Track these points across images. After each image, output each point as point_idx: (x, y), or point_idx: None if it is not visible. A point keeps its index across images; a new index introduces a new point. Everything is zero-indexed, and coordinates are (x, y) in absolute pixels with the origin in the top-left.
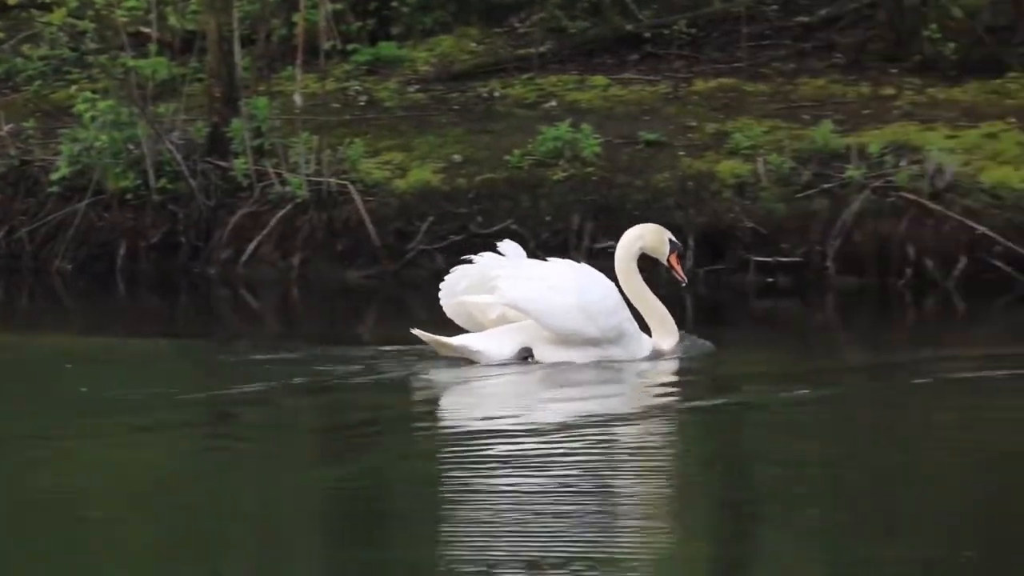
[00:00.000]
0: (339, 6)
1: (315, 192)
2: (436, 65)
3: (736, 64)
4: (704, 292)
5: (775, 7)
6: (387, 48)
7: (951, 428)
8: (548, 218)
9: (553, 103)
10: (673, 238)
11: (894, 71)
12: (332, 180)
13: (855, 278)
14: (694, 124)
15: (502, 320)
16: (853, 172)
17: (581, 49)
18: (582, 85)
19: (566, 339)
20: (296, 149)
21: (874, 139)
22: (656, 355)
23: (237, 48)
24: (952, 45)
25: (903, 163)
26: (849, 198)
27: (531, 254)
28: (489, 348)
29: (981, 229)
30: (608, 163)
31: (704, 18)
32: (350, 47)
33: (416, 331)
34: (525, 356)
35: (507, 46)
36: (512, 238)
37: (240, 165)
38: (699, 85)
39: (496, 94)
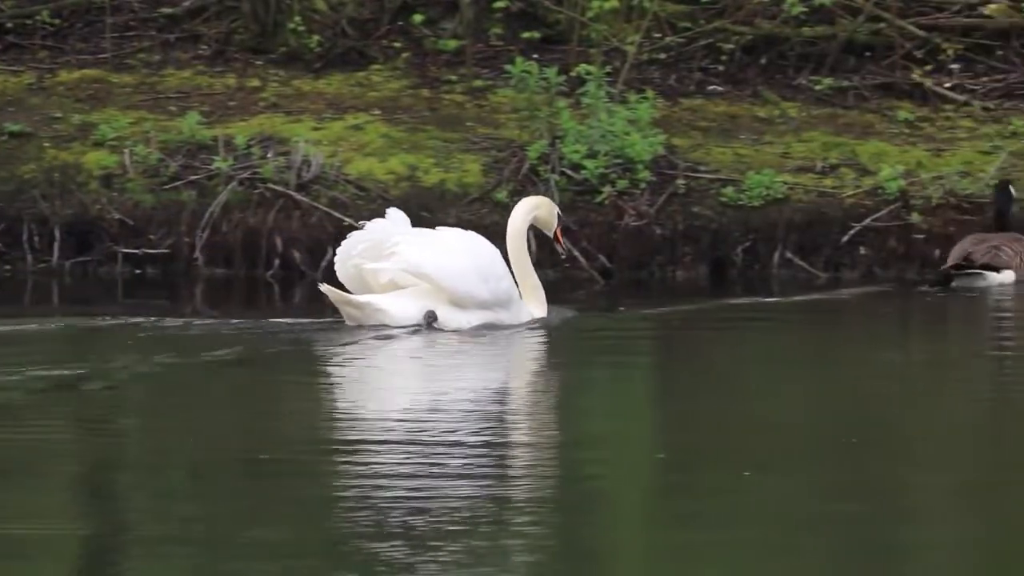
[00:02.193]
0: None
1: None
2: None
3: (101, 55)
4: (71, 283)
5: None
6: None
7: None
8: None
9: None
10: (560, 212)
11: (260, 63)
12: None
13: (223, 269)
14: (60, 115)
15: (393, 286)
16: (220, 164)
17: None
18: None
19: (462, 302)
20: None
21: (241, 131)
22: (535, 321)
23: None
24: (316, 38)
25: (270, 155)
26: (216, 190)
27: None
28: (394, 308)
29: (348, 220)
30: None
31: (68, 8)
32: None
33: (323, 287)
34: (431, 320)
35: None
36: None
37: None
38: (64, 76)
39: None
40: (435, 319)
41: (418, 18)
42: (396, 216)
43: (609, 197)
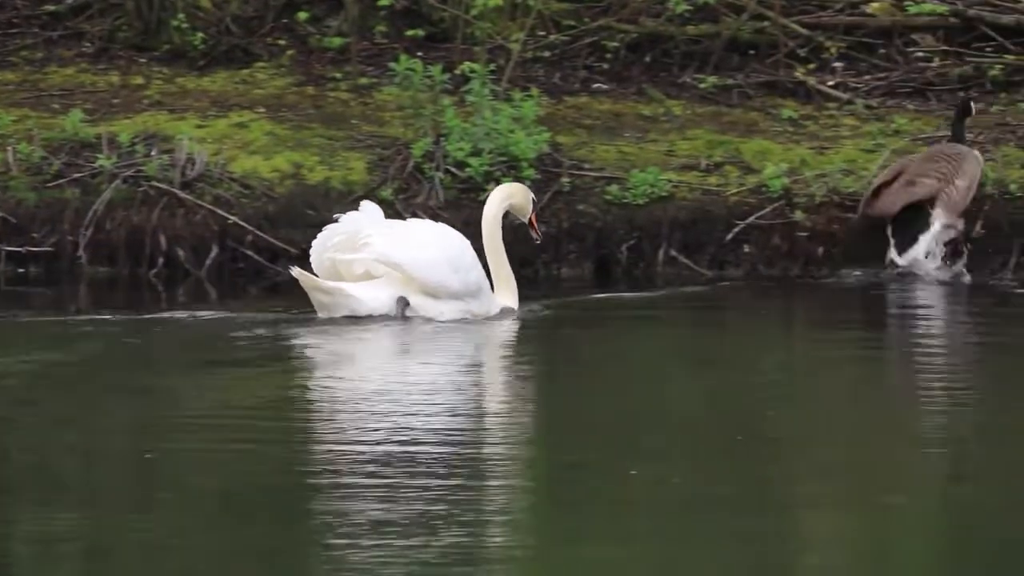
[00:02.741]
0: None
1: None
2: None
3: None
4: None
5: None
6: None
7: None
8: None
9: None
10: (535, 197)
11: (143, 60)
12: None
13: (107, 267)
14: None
15: (366, 277)
16: (104, 161)
17: None
18: None
19: (433, 291)
20: None
21: (124, 128)
22: (506, 312)
23: None
24: (200, 35)
25: (154, 153)
26: (100, 188)
27: None
28: (364, 295)
29: (232, 218)
30: None
31: None
32: None
33: (295, 271)
34: (403, 307)
35: None
36: None
37: None
38: None
39: None
40: (407, 306)
41: (303, 16)
42: (369, 208)
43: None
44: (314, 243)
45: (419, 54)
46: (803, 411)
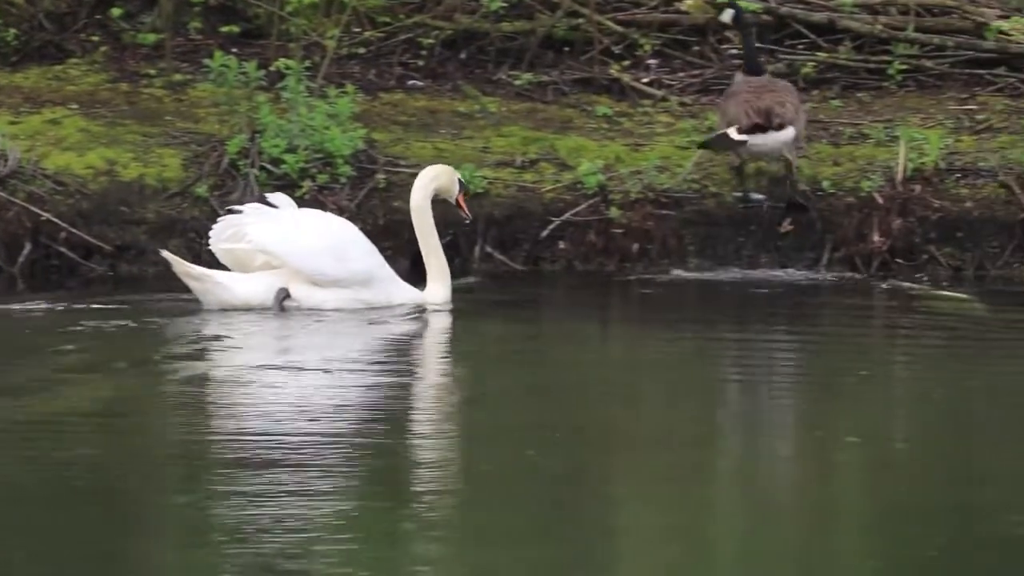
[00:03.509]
0: None
1: None
2: None
3: None
4: None
5: None
6: None
7: None
8: None
9: None
10: (460, 178)
11: None
12: None
13: None
14: None
15: (266, 267)
16: None
17: None
18: None
19: (316, 280)
20: None
21: None
22: (418, 303)
23: None
24: (13, 31)
25: None
26: None
27: None
28: (236, 285)
29: (46, 215)
30: None
31: None
32: None
33: (166, 254)
34: (281, 299)
35: None
36: None
37: None
38: None
39: None
40: (287, 297)
41: (116, 12)
42: (280, 200)
43: (310, 191)
44: (211, 233)
45: (234, 51)
46: (617, 409)
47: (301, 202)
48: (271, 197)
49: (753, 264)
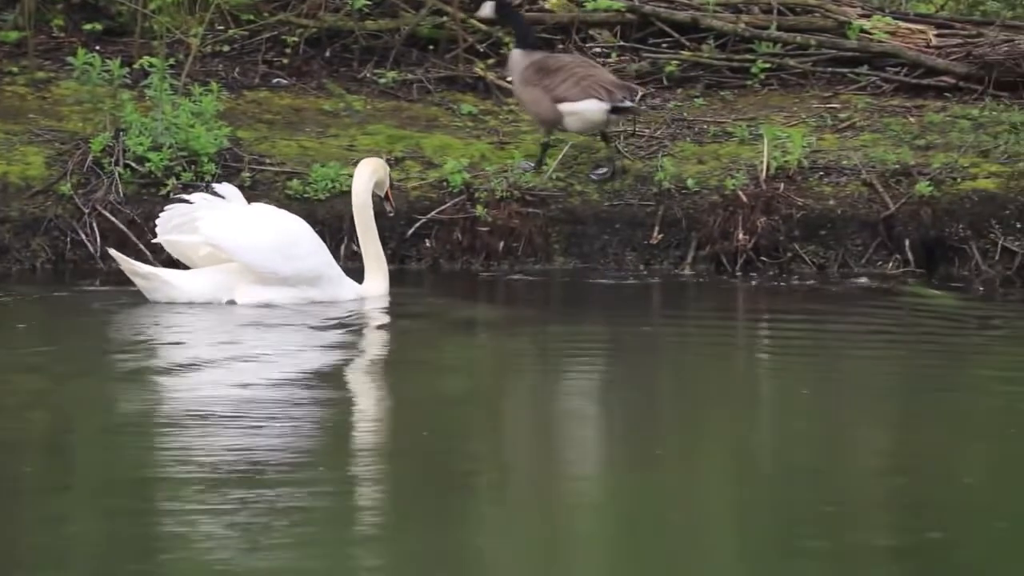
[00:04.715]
0: None
1: None
2: None
3: None
4: None
5: None
6: None
7: None
8: None
9: None
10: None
11: None
12: None
13: None
14: None
15: (211, 259)
16: None
17: None
18: None
19: (263, 278)
20: None
21: None
22: (361, 298)
23: None
24: None
25: None
26: None
27: None
28: (181, 282)
29: None
30: None
31: None
32: None
33: (113, 252)
34: (227, 296)
35: None
36: None
37: None
38: None
39: None
40: (230, 295)
41: None
42: (227, 191)
43: (174, 189)
44: (157, 222)
45: (97, 48)
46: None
47: (166, 200)
48: (218, 187)
49: (619, 262)
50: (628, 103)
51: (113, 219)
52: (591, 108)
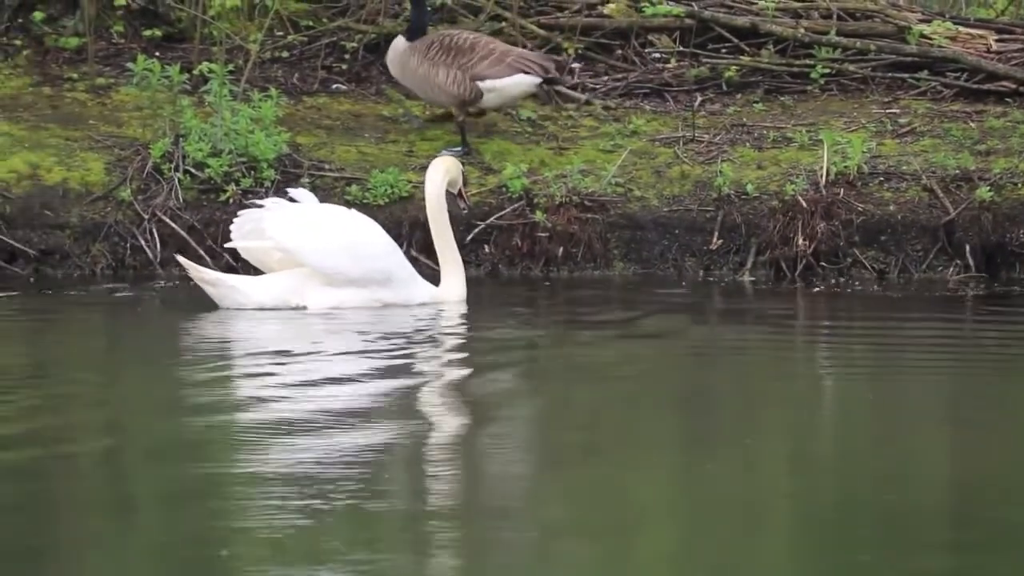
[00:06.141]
0: None
1: None
2: None
3: None
4: None
5: None
6: None
7: None
8: None
9: None
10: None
11: None
12: None
13: None
14: None
15: (286, 263)
16: None
17: None
18: None
19: (331, 280)
20: None
21: None
22: (436, 301)
23: None
24: None
25: None
26: None
27: None
28: (249, 288)
29: None
30: None
31: None
32: None
33: (181, 259)
34: (297, 301)
35: None
36: None
37: None
38: None
39: None
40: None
41: (38, 16)
42: (301, 195)
43: (234, 195)
44: (231, 228)
45: (157, 54)
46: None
47: (225, 206)
48: (293, 192)
49: (678, 268)
50: (556, 74)
51: (173, 225)
52: (521, 82)
